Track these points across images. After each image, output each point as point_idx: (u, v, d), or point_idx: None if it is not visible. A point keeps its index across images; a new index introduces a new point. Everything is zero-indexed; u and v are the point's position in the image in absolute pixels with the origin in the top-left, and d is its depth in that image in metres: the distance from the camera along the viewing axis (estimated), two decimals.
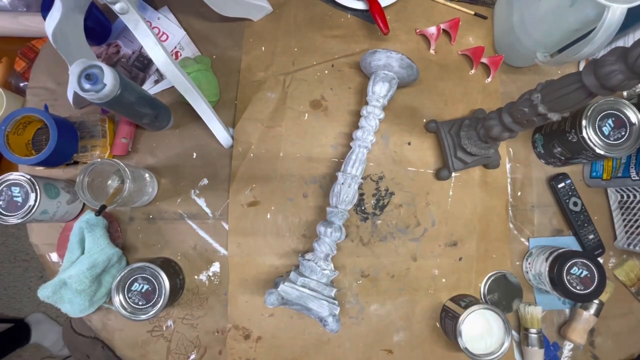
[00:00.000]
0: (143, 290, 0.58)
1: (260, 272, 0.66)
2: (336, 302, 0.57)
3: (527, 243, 0.69)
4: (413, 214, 0.68)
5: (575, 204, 0.68)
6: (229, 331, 0.65)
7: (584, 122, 0.58)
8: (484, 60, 0.70)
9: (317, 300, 0.56)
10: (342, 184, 0.60)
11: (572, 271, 0.59)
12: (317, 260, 0.59)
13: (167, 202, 0.68)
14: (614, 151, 0.58)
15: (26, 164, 0.60)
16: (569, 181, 0.68)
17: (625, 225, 0.67)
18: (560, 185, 0.68)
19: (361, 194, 0.68)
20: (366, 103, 0.63)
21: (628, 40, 0.67)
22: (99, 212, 0.55)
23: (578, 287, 0.59)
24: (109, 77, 0.50)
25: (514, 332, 0.67)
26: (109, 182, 0.62)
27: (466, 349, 0.57)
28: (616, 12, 0.47)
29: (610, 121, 0.59)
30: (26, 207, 0.57)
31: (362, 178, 0.68)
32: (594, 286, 0.59)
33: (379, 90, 0.62)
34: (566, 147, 0.63)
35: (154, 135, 0.70)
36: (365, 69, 0.66)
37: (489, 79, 0.71)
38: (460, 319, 0.58)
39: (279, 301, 0.56)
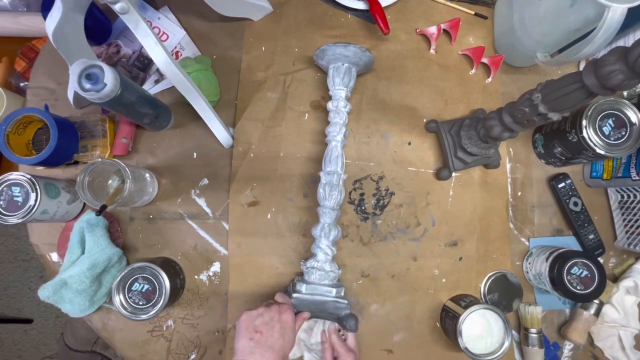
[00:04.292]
0: (143, 290, 0.58)
1: (261, 272, 0.66)
2: (346, 301, 0.57)
3: (527, 243, 0.69)
4: (413, 214, 0.68)
5: (575, 204, 0.68)
6: (229, 331, 0.65)
7: (584, 122, 0.58)
8: (484, 60, 0.70)
9: (328, 304, 0.57)
10: (326, 183, 0.60)
11: (572, 271, 0.59)
12: (319, 264, 0.59)
13: (167, 202, 0.68)
14: (614, 151, 0.58)
15: (26, 163, 0.60)
16: (569, 181, 0.68)
17: (626, 225, 0.67)
18: (560, 185, 0.68)
19: (361, 194, 0.68)
20: (330, 97, 0.63)
21: (628, 40, 0.67)
22: (99, 212, 0.55)
23: (578, 287, 0.59)
24: (110, 77, 0.50)
25: (514, 332, 0.67)
26: (110, 182, 0.62)
27: (466, 348, 0.57)
28: (616, 12, 0.47)
29: (610, 121, 0.59)
30: (26, 207, 0.57)
31: (361, 179, 0.68)
32: (594, 286, 0.59)
33: (339, 82, 0.62)
34: (566, 147, 0.63)
35: (155, 135, 0.70)
36: (323, 65, 0.66)
37: (489, 79, 0.71)
38: (461, 318, 0.58)
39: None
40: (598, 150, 0.58)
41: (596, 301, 0.65)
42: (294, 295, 0.57)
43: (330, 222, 0.60)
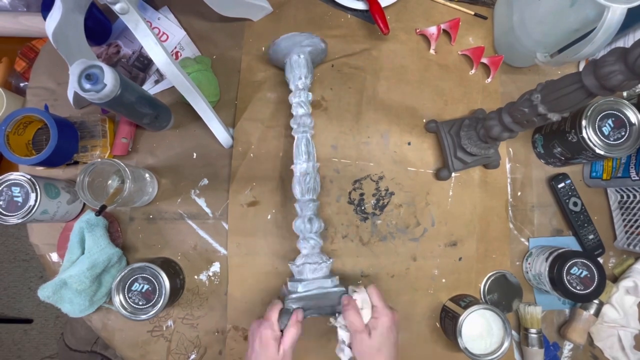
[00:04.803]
0: (143, 290, 0.59)
1: (260, 272, 0.66)
2: (343, 288, 0.56)
3: (527, 243, 0.69)
4: (413, 214, 0.68)
5: (575, 204, 0.68)
6: (228, 332, 0.65)
7: (583, 122, 0.58)
8: (484, 60, 0.70)
9: (327, 295, 0.55)
10: (300, 175, 0.60)
11: (572, 271, 0.59)
12: (308, 259, 0.57)
13: (167, 202, 0.68)
14: (614, 151, 0.58)
15: (26, 164, 0.61)
16: (568, 181, 0.68)
17: (625, 225, 0.67)
18: (560, 185, 0.68)
19: (361, 194, 0.68)
20: (291, 91, 0.63)
21: (628, 41, 0.67)
22: (99, 212, 0.55)
23: (578, 287, 0.59)
24: (109, 77, 0.50)
25: (513, 332, 0.67)
26: (109, 182, 0.62)
27: (466, 349, 0.57)
28: (616, 12, 0.47)
29: (610, 121, 0.59)
30: (26, 207, 0.57)
31: (361, 179, 0.68)
32: (593, 286, 0.59)
33: (298, 73, 0.62)
34: (566, 147, 0.63)
35: (154, 136, 0.70)
36: (278, 60, 0.66)
37: (489, 79, 0.71)
38: (460, 319, 0.58)
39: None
40: (598, 151, 0.58)
41: (596, 301, 0.65)
42: (291, 296, 0.55)
43: (311, 214, 0.59)
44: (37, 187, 0.57)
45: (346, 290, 0.57)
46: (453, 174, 0.68)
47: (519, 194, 0.70)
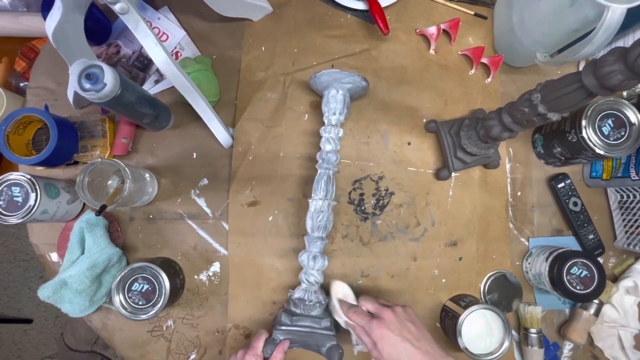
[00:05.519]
0: (143, 290, 0.59)
1: (261, 272, 0.66)
2: (332, 332, 0.56)
3: (527, 243, 0.69)
4: (413, 214, 0.68)
5: (575, 203, 0.68)
6: (229, 331, 0.65)
7: (583, 122, 0.58)
8: (484, 60, 0.70)
9: (314, 335, 0.56)
10: (314, 211, 0.59)
11: (572, 271, 0.59)
12: (306, 294, 0.57)
13: (167, 202, 0.68)
14: (614, 151, 0.58)
15: (26, 164, 0.61)
16: (568, 181, 0.68)
17: (625, 225, 0.67)
18: (560, 185, 0.68)
19: (361, 194, 0.68)
20: (323, 123, 0.63)
21: (628, 41, 0.67)
22: (99, 212, 0.55)
23: (578, 287, 0.59)
24: (109, 77, 0.50)
25: (513, 332, 0.67)
26: (109, 182, 0.62)
27: (466, 348, 0.57)
28: (616, 12, 0.47)
29: (610, 121, 0.59)
30: (26, 207, 0.57)
31: (361, 179, 0.68)
32: (593, 286, 0.59)
33: (334, 107, 0.61)
34: (566, 147, 0.63)
35: (154, 135, 0.70)
36: (317, 90, 0.65)
37: (489, 79, 0.71)
38: (460, 319, 0.58)
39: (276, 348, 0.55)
40: (597, 151, 0.58)
41: (596, 301, 0.65)
42: (280, 327, 0.56)
43: (317, 252, 0.58)
44: (37, 187, 0.57)
45: (335, 334, 0.56)
46: (453, 174, 0.68)
47: (519, 193, 0.70)
